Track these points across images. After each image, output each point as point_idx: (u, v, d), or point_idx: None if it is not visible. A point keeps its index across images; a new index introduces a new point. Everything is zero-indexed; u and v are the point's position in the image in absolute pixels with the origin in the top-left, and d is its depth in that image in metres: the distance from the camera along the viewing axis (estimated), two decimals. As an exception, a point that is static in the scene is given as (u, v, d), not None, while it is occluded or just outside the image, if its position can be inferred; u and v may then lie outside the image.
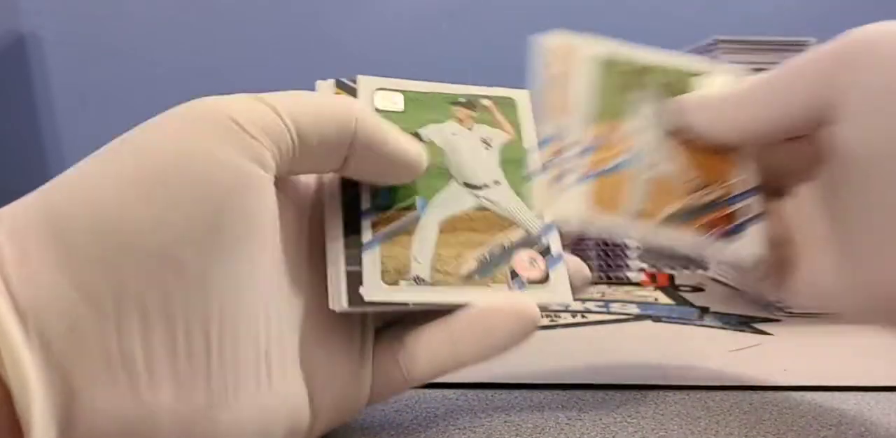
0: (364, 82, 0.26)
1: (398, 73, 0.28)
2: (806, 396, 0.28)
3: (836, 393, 0.28)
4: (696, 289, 0.51)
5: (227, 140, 0.18)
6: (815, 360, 0.33)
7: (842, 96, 0.21)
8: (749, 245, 0.25)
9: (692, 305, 0.45)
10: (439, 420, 0.25)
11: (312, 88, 0.25)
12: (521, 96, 0.28)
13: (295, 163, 0.20)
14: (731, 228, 0.25)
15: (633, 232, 0.25)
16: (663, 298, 0.47)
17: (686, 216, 0.25)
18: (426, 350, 0.23)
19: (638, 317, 0.42)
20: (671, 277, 0.54)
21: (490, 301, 0.23)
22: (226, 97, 0.19)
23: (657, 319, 0.41)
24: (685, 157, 0.26)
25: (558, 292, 0.24)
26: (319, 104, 0.20)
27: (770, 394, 0.28)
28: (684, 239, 0.25)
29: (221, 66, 0.84)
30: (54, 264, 0.16)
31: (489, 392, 0.28)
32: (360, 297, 0.22)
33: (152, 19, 0.83)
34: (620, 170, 0.25)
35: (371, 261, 0.22)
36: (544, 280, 0.24)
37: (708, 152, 0.26)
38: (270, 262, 0.20)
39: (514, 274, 0.24)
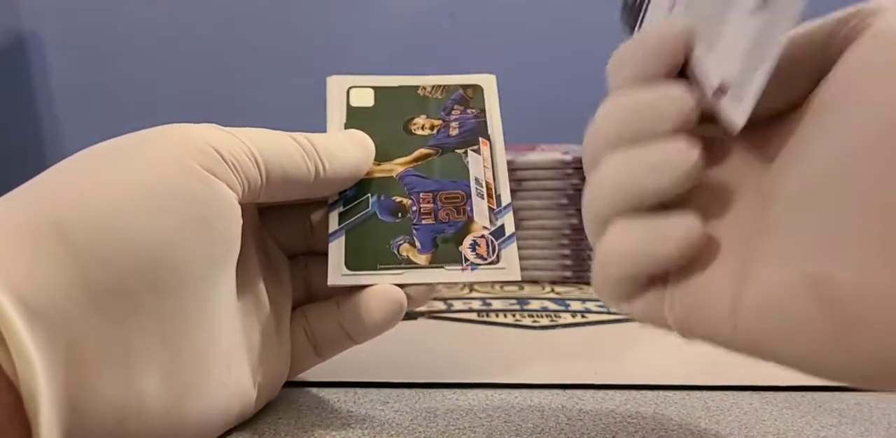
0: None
1: (399, 72, 0.29)
2: (806, 396, 0.28)
3: (836, 393, 0.28)
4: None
5: (213, 164, 0.20)
6: (814, 360, 0.33)
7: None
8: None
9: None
10: (439, 420, 0.25)
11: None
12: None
13: (262, 194, 0.23)
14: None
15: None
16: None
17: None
18: (325, 330, 0.26)
19: (638, 317, 0.42)
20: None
21: (377, 285, 0.25)
22: (200, 125, 0.22)
23: (657, 319, 0.41)
24: None
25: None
26: (287, 152, 0.23)
27: (770, 394, 0.28)
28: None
29: (221, 66, 0.84)
30: (59, 262, 0.17)
31: (489, 392, 0.28)
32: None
33: (152, 19, 0.83)
34: None
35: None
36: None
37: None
38: (236, 275, 0.23)
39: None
